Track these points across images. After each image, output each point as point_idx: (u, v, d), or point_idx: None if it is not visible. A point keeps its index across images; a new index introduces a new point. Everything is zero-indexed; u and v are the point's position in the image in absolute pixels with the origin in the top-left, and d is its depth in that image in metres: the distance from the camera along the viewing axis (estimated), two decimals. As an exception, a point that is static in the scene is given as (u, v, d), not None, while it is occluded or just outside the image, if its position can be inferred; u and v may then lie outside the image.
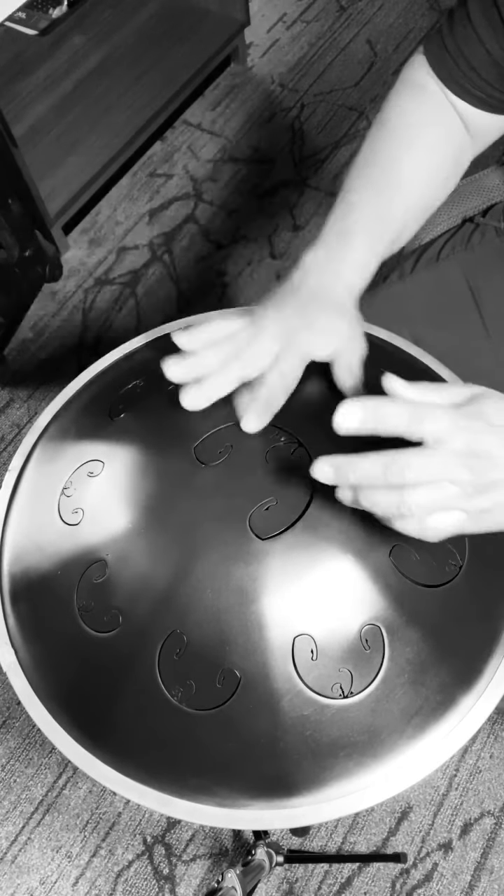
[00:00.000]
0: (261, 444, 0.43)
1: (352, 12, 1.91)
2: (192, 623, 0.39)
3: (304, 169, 1.65)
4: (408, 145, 0.55)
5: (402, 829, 1.05)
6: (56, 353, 1.45)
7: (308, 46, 1.85)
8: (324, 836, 1.05)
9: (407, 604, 0.40)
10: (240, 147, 1.69)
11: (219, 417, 0.44)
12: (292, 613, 0.39)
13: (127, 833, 1.06)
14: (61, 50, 1.68)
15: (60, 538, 0.43)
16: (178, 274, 1.53)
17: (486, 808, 1.06)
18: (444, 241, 0.78)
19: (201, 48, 1.67)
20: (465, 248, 0.76)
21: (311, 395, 0.46)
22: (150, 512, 0.41)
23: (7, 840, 1.07)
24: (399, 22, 1.88)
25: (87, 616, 0.41)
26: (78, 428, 0.49)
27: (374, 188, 0.53)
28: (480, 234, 0.76)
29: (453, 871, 1.03)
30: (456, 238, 0.77)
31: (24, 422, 1.39)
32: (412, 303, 0.73)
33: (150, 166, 1.68)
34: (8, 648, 0.43)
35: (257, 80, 1.80)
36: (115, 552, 0.41)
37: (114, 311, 1.49)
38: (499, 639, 0.42)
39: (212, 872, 1.04)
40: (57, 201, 1.46)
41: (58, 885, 1.04)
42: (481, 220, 0.77)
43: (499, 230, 0.75)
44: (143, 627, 0.40)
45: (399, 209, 0.54)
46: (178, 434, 0.44)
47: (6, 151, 1.10)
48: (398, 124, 0.56)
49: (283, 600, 0.39)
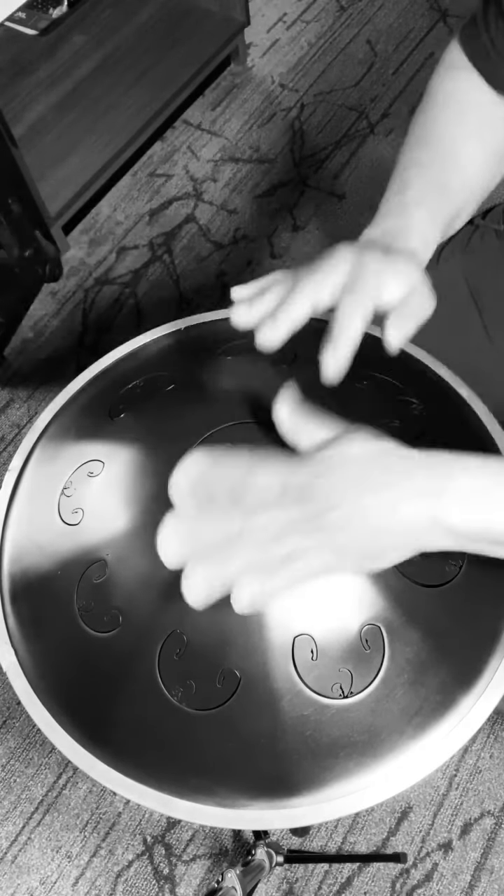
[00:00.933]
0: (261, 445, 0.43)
1: (352, 12, 1.91)
2: (192, 623, 0.39)
3: (304, 169, 1.65)
4: (460, 121, 0.54)
5: (402, 829, 1.05)
6: (56, 353, 1.45)
7: (308, 46, 1.85)
8: (324, 836, 1.05)
9: (407, 604, 0.40)
10: (240, 147, 1.69)
11: (219, 417, 0.44)
12: (292, 613, 0.39)
13: (127, 833, 1.06)
14: (61, 50, 1.68)
15: (60, 538, 0.43)
16: (178, 274, 1.53)
17: (486, 808, 1.06)
18: (444, 244, 0.78)
19: (201, 48, 1.67)
20: (465, 251, 0.76)
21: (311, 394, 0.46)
22: (151, 512, 0.41)
23: (7, 840, 1.07)
24: (399, 22, 1.88)
25: (87, 616, 0.41)
26: (78, 428, 0.49)
27: (430, 163, 0.52)
28: (480, 236, 0.76)
29: (453, 871, 1.03)
30: (456, 240, 0.77)
31: (24, 422, 1.39)
32: None
33: (150, 166, 1.68)
34: (8, 648, 0.43)
35: (257, 80, 1.80)
36: (115, 552, 0.41)
37: (114, 311, 1.49)
38: (499, 639, 0.42)
39: (212, 872, 1.04)
40: (57, 201, 1.46)
41: (58, 885, 1.04)
42: (481, 223, 0.77)
43: (499, 232, 0.75)
44: (143, 627, 0.40)
45: (457, 184, 0.52)
46: (178, 434, 0.44)
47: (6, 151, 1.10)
48: (449, 101, 0.55)
49: (283, 600, 0.39)
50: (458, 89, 0.56)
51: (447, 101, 0.56)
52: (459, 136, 0.54)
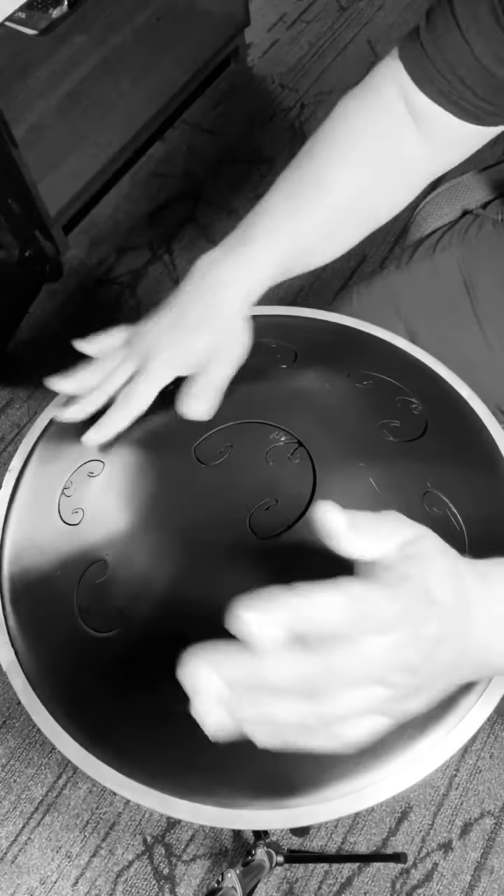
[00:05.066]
0: (261, 444, 0.43)
1: (352, 12, 1.90)
2: (192, 623, 0.39)
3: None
4: (343, 150, 0.51)
5: (402, 829, 1.05)
6: (56, 354, 1.44)
7: (308, 46, 1.85)
8: (324, 836, 1.05)
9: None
10: (240, 147, 1.69)
11: (219, 417, 0.44)
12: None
13: (127, 833, 1.06)
14: (61, 50, 1.68)
15: (60, 538, 0.43)
16: (178, 274, 1.53)
17: (486, 808, 1.06)
18: (442, 233, 0.77)
19: (201, 48, 1.67)
20: (462, 240, 0.76)
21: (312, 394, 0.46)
22: (151, 512, 0.41)
23: (7, 840, 1.07)
24: (399, 22, 1.88)
25: (87, 616, 0.41)
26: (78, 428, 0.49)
27: (292, 189, 0.50)
28: (478, 226, 0.76)
29: (453, 871, 1.03)
30: (454, 230, 0.77)
31: (24, 422, 1.39)
32: (407, 293, 0.73)
33: (150, 166, 1.67)
34: (8, 648, 0.43)
35: (257, 80, 1.80)
36: (115, 552, 0.41)
37: (114, 311, 1.49)
38: (499, 639, 0.42)
39: (212, 872, 1.04)
40: (57, 201, 1.46)
41: (58, 885, 1.04)
42: (480, 212, 0.77)
43: (496, 222, 0.75)
44: (143, 627, 0.40)
45: (320, 211, 0.50)
46: (178, 434, 0.44)
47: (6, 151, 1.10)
48: (340, 129, 0.52)
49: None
50: (356, 116, 0.52)
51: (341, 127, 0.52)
52: (337, 163, 0.51)
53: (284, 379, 0.48)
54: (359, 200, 0.52)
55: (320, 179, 0.51)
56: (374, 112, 0.53)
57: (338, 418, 0.45)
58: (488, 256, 0.73)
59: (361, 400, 0.47)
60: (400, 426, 0.45)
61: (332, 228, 0.52)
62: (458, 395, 0.51)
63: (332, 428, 0.44)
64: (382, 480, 0.41)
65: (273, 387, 0.48)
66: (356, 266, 1.51)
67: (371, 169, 0.52)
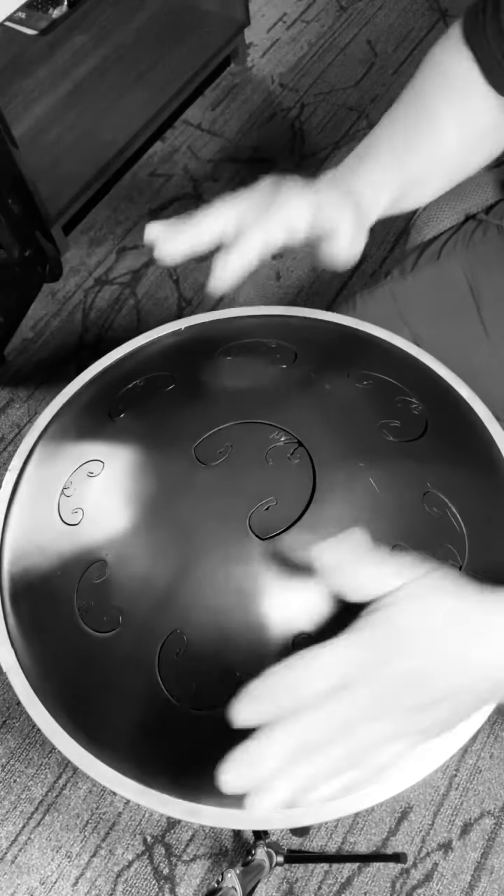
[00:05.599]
0: (261, 444, 0.43)
1: (352, 12, 1.91)
2: (192, 623, 0.39)
3: (304, 169, 1.65)
4: (445, 95, 0.53)
5: (402, 829, 1.05)
6: (56, 353, 1.45)
7: (308, 46, 1.85)
8: (324, 836, 1.05)
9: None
10: (240, 147, 1.69)
11: (219, 417, 0.44)
12: (292, 613, 0.39)
13: (127, 833, 1.06)
14: (61, 50, 1.68)
15: (60, 538, 0.43)
16: (178, 274, 1.53)
17: (486, 808, 1.06)
18: (446, 238, 0.77)
19: (201, 48, 1.67)
20: (467, 246, 0.76)
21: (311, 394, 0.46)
22: (151, 512, 0.41)
23: (7, 840, 1.07)
24: (399, 22, 1.88)
25: (87, 616, 0.41)
26: (78, 428, 0.49)
27: (404, 120, 0.52)
28: (482, 231, 0.76)
29: (453, 871, 1.03)
30: (458, 235, 0.77)
31: (24, 422, 1.39)
32: (412, 300, 0.73)
33: (150, 166, 1.68)
34: (8, 648, 0.43)
35: (257, 80, 1.80)
36: (115, 552, 0.41)
37: (114, 312, 1.49)
38: (499, 639, 0.42)
39: (212, 872, 1.04)
40: (57, 201, 1.46)
41: (58, 885, 1.04)
42: (484, 217, 0.76)
43: (500, 228, 0.75)
44: (143, 627, 0.40)
45: (428, 146, 0.51)
46: (178, 434, 0.44)
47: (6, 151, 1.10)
48: (437, 71, 0.54)
49: (283, 600, 0.39)
50: (450, 63, 0.55)
51: (436, 70, 0.55)
52: (441, 103, 0.53)
53: (284, 379, 0.48)
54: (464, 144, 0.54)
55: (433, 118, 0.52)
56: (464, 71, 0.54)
57: (338, 418, 0.45)
58: (493, 262, 0.73)
59: (361, 400, 0.47)
60: (400, 426, 0.45)
61: (443, 163, 0.54)
62: (458, 396, 0.51)
63: (332, 428, 0.44)
64: (382, 480, 0.41)
65: (273, 387, 0.48)
66: (356, 266, 1.51)
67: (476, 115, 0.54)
